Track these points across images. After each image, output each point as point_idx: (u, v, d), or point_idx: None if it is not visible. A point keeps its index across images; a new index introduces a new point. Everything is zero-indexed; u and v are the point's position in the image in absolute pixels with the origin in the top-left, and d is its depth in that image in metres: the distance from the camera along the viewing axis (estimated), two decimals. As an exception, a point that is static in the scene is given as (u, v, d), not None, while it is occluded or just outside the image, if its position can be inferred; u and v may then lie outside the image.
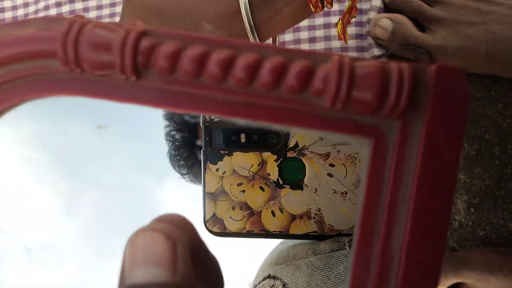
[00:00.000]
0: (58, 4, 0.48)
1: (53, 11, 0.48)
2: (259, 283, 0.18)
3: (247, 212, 0.18)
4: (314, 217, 0.18)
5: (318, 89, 0.12)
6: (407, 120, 0.12)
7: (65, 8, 0.48)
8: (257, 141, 0.16)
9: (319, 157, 0.17)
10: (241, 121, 0.13)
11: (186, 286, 0.12)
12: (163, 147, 0.22)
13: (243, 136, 0.16)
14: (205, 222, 0.18)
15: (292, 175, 0.17)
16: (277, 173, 0.17)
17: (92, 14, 0.47)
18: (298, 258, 0.18)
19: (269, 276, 0.17)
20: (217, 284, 0.15)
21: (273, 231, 0.17)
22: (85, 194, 0.22)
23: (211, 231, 0.18)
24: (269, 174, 0.17)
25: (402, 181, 0.12)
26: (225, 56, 0.12)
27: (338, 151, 0.17)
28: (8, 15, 0.50)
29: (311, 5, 0.26)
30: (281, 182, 0.17)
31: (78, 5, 0.48)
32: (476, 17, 0.38)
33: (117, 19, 0.47)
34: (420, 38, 0.39)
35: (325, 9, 0.27)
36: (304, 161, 0.17)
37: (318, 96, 0.12)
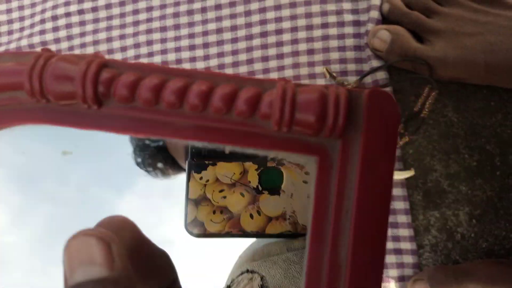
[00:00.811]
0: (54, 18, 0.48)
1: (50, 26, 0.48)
2: (236, 277, 0.19)
3: (227, 215, 0.19)
4: (289, 218, 0.20)
5: (265, 113, 0.14)
6: (346, 139, 0.14)
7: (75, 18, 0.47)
8: (240, 152, 0.17)
9: (295, 166, 0.19)
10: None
11: (125, 280, 0.13)
12: (124, 162, 0.23)
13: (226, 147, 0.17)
14: (186, 225, 0.19)
15: (271, 182, 0.19)
16: (257, 180, 0.19)
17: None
18: (273, 255, 0.19)
19: (247, 271, 0.19)
20: (167, 275, 0.16)
21: (251, 231, 0.19)
22: (37, 208, 0.21)
23: (191, 233, 0.19)
24: (249, 182, 0.19)
25: (345, 194, 0.13)
26: (180, 84, 0.14)
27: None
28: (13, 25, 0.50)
29: None
30: (260, 188, 0.19)
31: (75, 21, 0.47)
32: (474, 28, 0.38)
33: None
34: (419, 49, 0.39)
35: None
36: (282, 169, 0.19)
37: (265, 119, 0.14)
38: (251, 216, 0.19)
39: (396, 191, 0.41)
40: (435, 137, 0.41)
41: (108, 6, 0.47)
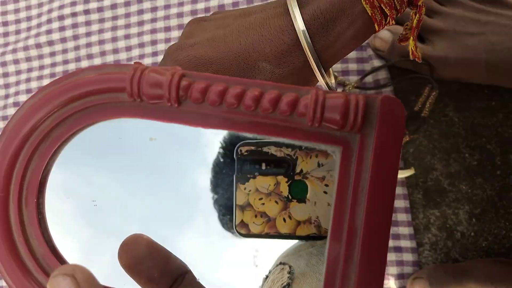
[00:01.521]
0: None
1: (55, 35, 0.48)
2: (273, 269, 0.23)
3: (266, 219, 0.23)
4: (313, 223, 0.23)
5: (301, 112, 0.18)
6: (364, 133, 0.18)
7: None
8: (274, 168, 0.23)
9: (317, 179, 0.23)
10: (261, 153, 0.21)
11: None
12: (183, 197, 0.24)
13: (263, 164, 0.23)
14: (235, 226, 0.23)
15: (298, 193, 0.23)
16: (288, 191, 0.23)
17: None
18: (300, 250, 0.24)
19: (280, 263, 0.23)
20: (179, 269, 0.20)
21: (284, 233, 0.23)
22: (105, 243, 0.22)
23: (239, 233, 0.23)
24: (281, 192, 0.23)
25: (361, 175, 0.18)
26: (238, 90, 0.19)
27: (331, 175, 0.22)
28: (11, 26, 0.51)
29: (376, 24, 0.25)
30: (290, 197, 0.23)
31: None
32: (476, 28, 0.38)
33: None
34: (420, 49, 0.39)
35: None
36: (307, 182, 0.23)
37: (301, 117, 0.18)
38: (284, 220, 0.23)
39: (397, 190, 0.41)
40: (435, 136, 0.41)
41: (113, 6, 0.48)
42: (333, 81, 0.29)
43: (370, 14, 0.24)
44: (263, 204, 0.23)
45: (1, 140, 0.20)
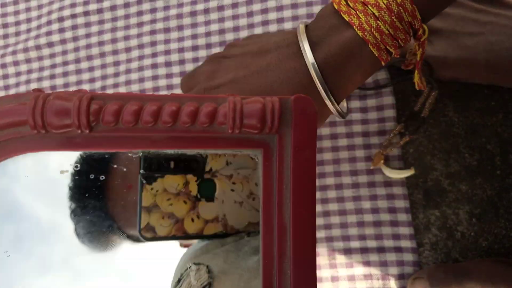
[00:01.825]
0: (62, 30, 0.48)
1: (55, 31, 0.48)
2: (185, 271, 0.23)
3: (173, 220, 0.23)
4: (221, 221, 0.24)
5: (221, 121, 0.18)
6: (281, 134, 0.19)
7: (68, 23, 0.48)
8: (183, 167, 0.22)
9: (225, 178, 0.23)
10: (170, 152, 0.19)
11: None
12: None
13: (172, 163, 0.22)
14: (139, 230, 0.23)
15: (207, 192, 0.23)
16: (197, 190, 0.23)
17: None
18: (212, 249, 0.24)
19: (194, 264, 0.23)
20: None
21: (192, 233, 0.23)
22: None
23: (144, 237, 0.23)
24: (190, 191, 0.23)
25: (284, 173, 0.19)
26: (154, 108, 0.18)
27: (238, 173, 0.23)
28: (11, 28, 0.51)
29: (382, 62, 0.27)
30: (199, 196, 0.23)
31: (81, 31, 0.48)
32: (475, 28, 0.38)
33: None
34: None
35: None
36: (215, 181, 0.23)
37: (221, 125, 0.18)
38: (192, 219, 0.24)
39: (397, 190, 0.41)
40: (435, 136, 0.41)
41: (113, 8, 0.48)
42: (345, 104, 0.31)
43: (376, 55, 0.26)
44: (171, 204, 0.23)
45: None
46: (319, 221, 0.42)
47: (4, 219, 0.21)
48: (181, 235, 0.23)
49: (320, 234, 0.42)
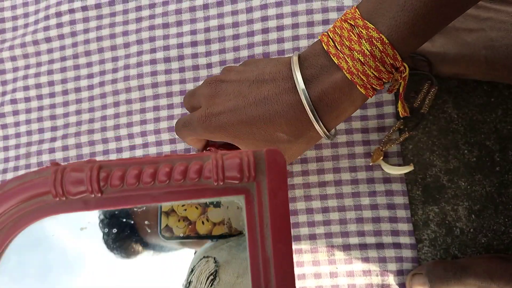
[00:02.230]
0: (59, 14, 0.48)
1: (52, 21, 0.48)
2: (196, 264, 0.27)
3: (187, 222, 0.27)
4: (226, 224, 0.28)
5: (207, 176, 0.22)
6: (258, 181, 0.22)
7: (65, 18, 0.48)
8: None
9: None
10: None
11: None
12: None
13: None
14: (160, 231, 0.27)
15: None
16: None
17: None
18: (218, 246, 0.28)
19: (203, 257, 0.27)
20: None
21: (202, 234, 0.27)
22: None
23: (164, 236, 0.27)
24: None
25: (263, 213, 0.22)
26: (151, 170, 0.22)
27: None
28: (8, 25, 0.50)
29: (369, 97, 0.30)
30: (208, 203, 0.27)
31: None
32: (475, 24, 0.38)
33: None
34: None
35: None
36: None
37: (208, 179, 0.22)
38: (203, 222, 0.28)
39: (396, 186, 0.41)
40: (434, 132, 0.41)
41: (111, 3, 0.47)
42: (333, 131, 0.35)
43: (364, 94, 0.29)
44: (185, 210, 0.27)
45: None
46: (318, 217, 0.42)
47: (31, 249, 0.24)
48: (194, 235, 0.27)
49: (319, 230, 0.42)
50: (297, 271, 0.42)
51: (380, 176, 0.41)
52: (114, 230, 0.26)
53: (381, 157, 0.41)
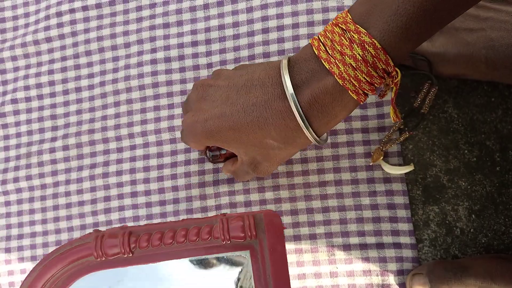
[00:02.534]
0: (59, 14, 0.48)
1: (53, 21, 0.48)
2: (244, 265, 0.32)
3: None
4: None
5: (216, 236, 0.28)
6: (260, 238, 0.28)
7: (66, 18, 0.48)
8: None
9: None
10: None
11: None
12: None
13: None
14: None
15: None
16: None
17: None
18: None
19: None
20: None
21: None
22: None
23: None
24: None
25: (266, 264, 0.27)
26: (171, 234, 0.28)
27: None
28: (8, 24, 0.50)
29: (361, 102, 0.29)
30: None
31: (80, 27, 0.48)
32: (475, 24, 0.38)
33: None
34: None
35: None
36: None
37: (217, 239, 0.28)
38: None
39: (396, 186, 0.41)
40: (435, 132, 0.41)
41: (111, 3, 0.47)
42: (324, 136, 0.35)
43: (356, 99, 0.29)
44: None
45: None
46: (319, 217, 0.42)
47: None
48: None
49: (319, 230, 0.42)
50: (297, 270, 0.42)
51: (380, 176, 0.41)
52: None
53: (381, 157, 0.41)
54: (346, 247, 0.41)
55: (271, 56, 0.44)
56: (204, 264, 0.30)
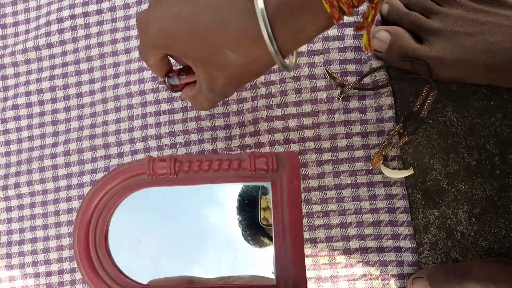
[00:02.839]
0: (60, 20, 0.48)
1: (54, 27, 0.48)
2: None
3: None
4: None
5: (245, 167, 0.34)
6: (280, 173, 0.34)
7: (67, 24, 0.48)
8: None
9: None
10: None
11: None
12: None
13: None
14: (260, 220, 0.36)
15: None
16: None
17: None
18: None
19: None
20: None
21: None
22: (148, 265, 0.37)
23: (262, 224, 0.36)
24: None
25: (283, 195, 0.34)
26: (208, 163, 0.35)
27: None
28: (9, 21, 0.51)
29: (334, 20, 0.26)
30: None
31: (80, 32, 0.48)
32: (474, 28, 0.38)
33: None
34: (418, 49, 0.39)
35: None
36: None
37: (245, 169, 0.35)
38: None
39: (396, 190, 0.41)
40: (434, 136, 0.42)
41: (112, 9, 0.48)
42: (293, 60, 0.31)
43: (329, 12, 0.25)
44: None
45: (80, 209, 0.36)
46: (319, 221, 0.42)
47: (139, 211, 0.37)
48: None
49: (319, 234, 0.42)
50: (298, 275, 0.42)
51: (380, 180, 0.41)
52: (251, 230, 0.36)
53: (381, 161, 0.41)
54: (347, 251, 0.41)
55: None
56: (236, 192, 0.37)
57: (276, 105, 0.44)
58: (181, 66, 0.35)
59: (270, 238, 0.35)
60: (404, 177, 0.41)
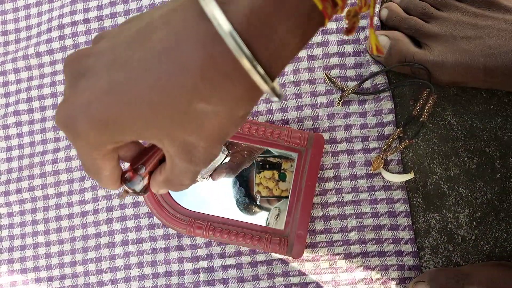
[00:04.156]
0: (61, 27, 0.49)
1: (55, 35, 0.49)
2: (272, 209, 0.43)
3: (268, 189, 0.43)
4: (288, 191, 0.42)
5: (282, 138, 0.41)
6: (307, 148, 0.41)
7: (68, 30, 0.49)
8: (272, 167, 0.43)
9: (289, 171, 0.43)
10: (266, 161, 0.43)
11: None
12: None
13: (267, 166, 0.43)
14: (255, 193, 0.43)
15: (282, 177, 0.42)
16: (278, 176, 0.43)
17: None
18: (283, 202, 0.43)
19: (274, 207, 0.43)
20: None
21: (276, 195, 0.42)
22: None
23: (256, 196, 0.43)
24: (275, 177, 0.43)
25: (305, 166, 0.41)
26: (256, 127, 0.42)
27: (292, 170, 0.42)
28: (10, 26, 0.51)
29: (327, 19, 0.19)
30: (279, 179, 0.42)
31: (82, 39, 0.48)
32: (473, 32, 0.38)
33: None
34: (417, 54, 0.39)
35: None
36: (286, 173, 0.42)
37: (282, 139, 0.41)
38: (276, 189, 0.42)
39: (396, 194, 0.41)
40: (434, 140, 0.42)
41: (113, 15, 0.48)
42: (277, 87, 0.21)
43: (320, 8, 0.19)
44: (267, 182, 0.42)
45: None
46: (320, 225, 0.42)
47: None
48: (271, 196, 0.42)
49: (320, 238, 0.42)
50: (298, 279, 0.42)
51: (381, 184, 0.42)
52: (246, 200, 0.43)
53: (382, 165, 0.41)
54: (348, 256, 0.41)
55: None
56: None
57: (276, 110, 0.44)
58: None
59: (260, 207, 0.42)
60: (405, 181, 0.41)
